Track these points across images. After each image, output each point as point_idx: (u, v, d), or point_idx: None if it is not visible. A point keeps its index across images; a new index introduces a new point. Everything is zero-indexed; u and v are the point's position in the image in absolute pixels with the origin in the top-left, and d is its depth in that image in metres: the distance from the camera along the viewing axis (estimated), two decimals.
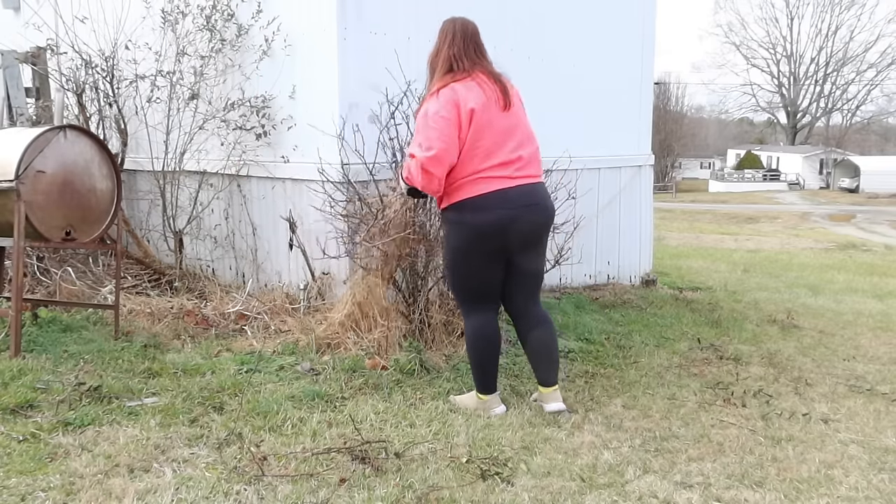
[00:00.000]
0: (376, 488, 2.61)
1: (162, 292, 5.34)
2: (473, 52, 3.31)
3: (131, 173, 6.00)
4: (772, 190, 51.63)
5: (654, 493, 2.68)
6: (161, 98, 5.52)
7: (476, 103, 3.19)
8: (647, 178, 7.23)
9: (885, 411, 3.78)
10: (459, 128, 3.17)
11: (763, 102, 67.70)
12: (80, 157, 4.18)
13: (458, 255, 3.37)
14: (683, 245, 16.54)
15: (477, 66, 3.30)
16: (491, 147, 3.22)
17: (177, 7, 5.41)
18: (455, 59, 3.29)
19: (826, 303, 7.33)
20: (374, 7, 4.80)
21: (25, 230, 3.90)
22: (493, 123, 3.23)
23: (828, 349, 5.15)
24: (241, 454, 2.84)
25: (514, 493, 2.64)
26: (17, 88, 5.67)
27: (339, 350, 4.15)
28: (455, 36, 3.32)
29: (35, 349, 3.98)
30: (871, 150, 60.71)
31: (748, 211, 35.06)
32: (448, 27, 3.36)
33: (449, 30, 3.35)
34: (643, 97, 7.11)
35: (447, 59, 3.30)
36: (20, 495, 2.46)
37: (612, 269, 6.87)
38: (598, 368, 4.29)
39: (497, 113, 3.25)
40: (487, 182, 3.22)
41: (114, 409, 3.23)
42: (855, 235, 23.68)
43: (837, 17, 61.87)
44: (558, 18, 6.05)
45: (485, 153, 3.21)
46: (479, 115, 3.18)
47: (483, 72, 3.29)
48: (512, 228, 3.26)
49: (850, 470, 2.98)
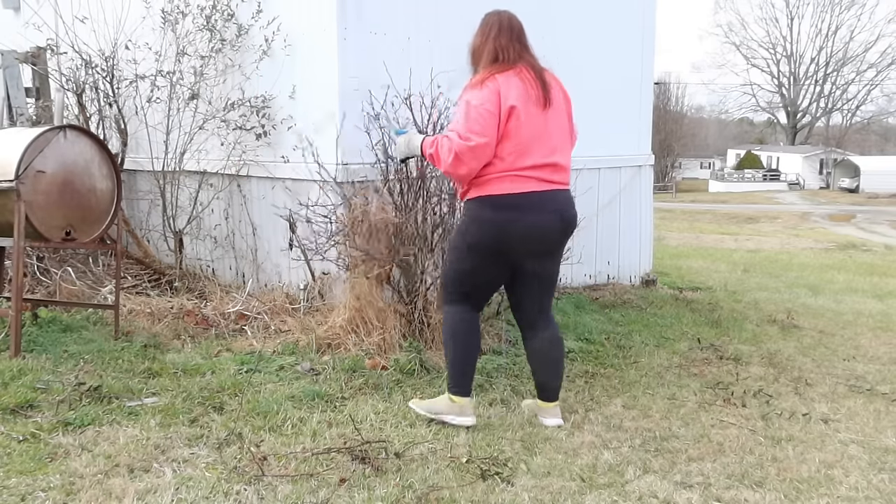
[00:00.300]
0: (376, 488, 2.61)
1: (162, 292, 5.34)
2: (518, 44, 3.22)
3: (131, 173, 6.00)
4: (772, 190, 51.63)
5: (654, 493, 2.68)
6: (161, 98, 5.52)
7: (516, 100, 3.08)
8: (647, 178, 7.23)
9: (885, 411, 3.78)
10: (499, 123, 3.07)
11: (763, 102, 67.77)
12: (80, 157, 4.18)
13: (469, 250, 3.24)
14: (683, 245, 16.54)
15: (521, 59, 3.19)
16: (527, 146, 3.11)
17: (177, 7, 5.41)
18: (500, 50, 3.19)
19: (826, 303, 7.33)
20: (374, 7, 4.80)
21: (25, 230, 3.90)
22: (532, 122, 3.12)
23: (828, 349, 5.15)
24: (241, 454, 2.84)
25: (514, 493, 2.64)
26: (17, 88, 5.67)
27: (339, 350, 4.15)
28: (502, 28, 3.22)
29: (35, 349, 3.98)
30: (871, 150, 60.71)
31: (748, 211, 35.05)
32: (493, 20, 3.26)
33: (494, 22, 3.25)
34: (643, 97, 7.11)
35: (492, 51, 3.20)
36: (20, 495, 2.46)
37: (612, 269, 6.87)
38: (598, 368, 4.29)
39: (536, 111, 3.14)
40: (520, 182, 3.11)
41: (114, 409, 3.23)
42: (855, 235, 23.68)
43: (837, 17, 61.92)
44: (558, 18, 6.05)
45: (520, 151, 3.10)
46: (517, 111, 3.08)
47: (526, 66, 3.18)
48: (534, 234, 3.16)
49: (850, 470, 2.98)
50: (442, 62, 4.53)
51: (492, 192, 3.13)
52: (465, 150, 3.05)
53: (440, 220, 4.36)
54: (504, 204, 3.13)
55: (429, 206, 4.35)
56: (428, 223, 4.32)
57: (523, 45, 3.24)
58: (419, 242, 4.29)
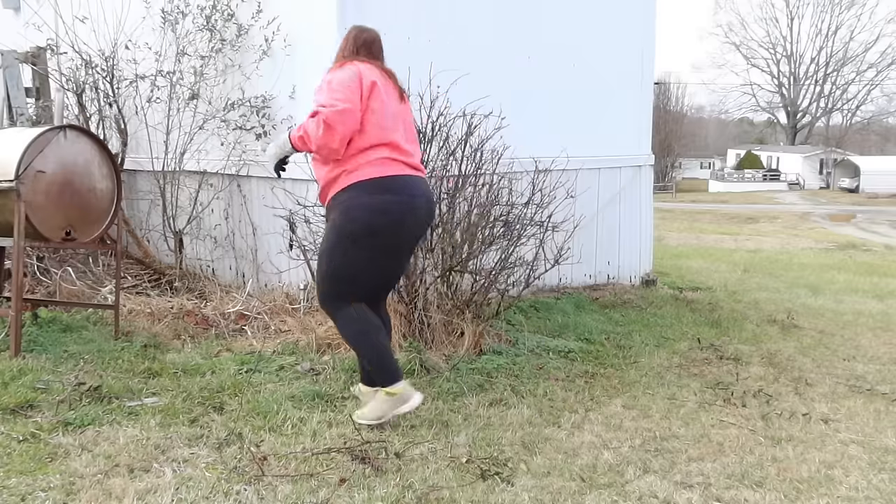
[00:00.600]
0: (376, 488, 2.61)
1: (162, 292, 5.34)
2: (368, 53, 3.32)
3: (131, 173, 6.00)
4: (772, 190, 51.62)
5: (654, 493, 2.68)
6: (161, 98, 5.52)
7: (377, 78, 3.17)
8: (647, 177, 7.23)
9: (885, 411, 3.78)
10: (361, 96, 3.11)
11: (763, 102, 67.75)
12: (80, 157, 4.18)
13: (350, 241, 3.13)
14: (683, 245, 16.54)
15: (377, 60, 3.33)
16: (391, 127, 3.17)
17: (177, 7, 5.41)
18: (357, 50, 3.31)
19: (826, 303, 7.33)
20: (374, 7, 4.80)
21: (25, 230, 3.90)
22: (393, 105, 3.21)
23: (828, 349, 5.15)
24: (241, 454, 2.84)
25: (514, 493, 2.64)
26: (17, 88, 5.67)
27: (339, 350, 4.15)
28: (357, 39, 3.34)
29: (35, 349, 3.98)
30: (871, 150, 60.67)
31: (748, 211, 35.04)
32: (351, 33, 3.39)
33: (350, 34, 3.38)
34: (643, 97, 7.11)
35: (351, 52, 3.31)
36: (20, 495, 2.46)
37: (612, 269, 6.87)
38: (598, 368, 4.29)
39: (394, 98, 3.24)
40: (391, 165, 3.13)
41: (114, 409, 3.23)
42: (855, 235, 23.68)
43: (837, 17, 61.89)
44: (558, 18, 6.05)
45: (384, 131, 3.14)
46: (379, 90, 3.14)
47: (378, 66, 3.28)
48: (408, 216, 3.16)
49: (850, 470, 2.98)
50: (442, 62, 4.53)
51: (364, 178, 3.11)
52: (333, 114, 3.04)
53: (439, 219, 4.35)
54: (379, 186, 3.11)
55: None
56: None
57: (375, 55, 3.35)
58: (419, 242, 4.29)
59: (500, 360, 4.17)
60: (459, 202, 4.39)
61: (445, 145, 4.43)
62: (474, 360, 4.09)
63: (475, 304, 4.44)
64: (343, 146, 3.09)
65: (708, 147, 67.70)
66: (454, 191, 4.35)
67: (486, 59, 5.39)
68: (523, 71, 5.79)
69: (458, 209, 4.38)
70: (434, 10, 5.22)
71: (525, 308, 5.32)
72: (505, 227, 4.48)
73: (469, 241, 4.39)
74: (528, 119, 5.23)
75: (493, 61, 5.51)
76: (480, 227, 4.41)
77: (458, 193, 4.37)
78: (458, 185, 4.38)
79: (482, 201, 4.44)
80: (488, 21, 5.64)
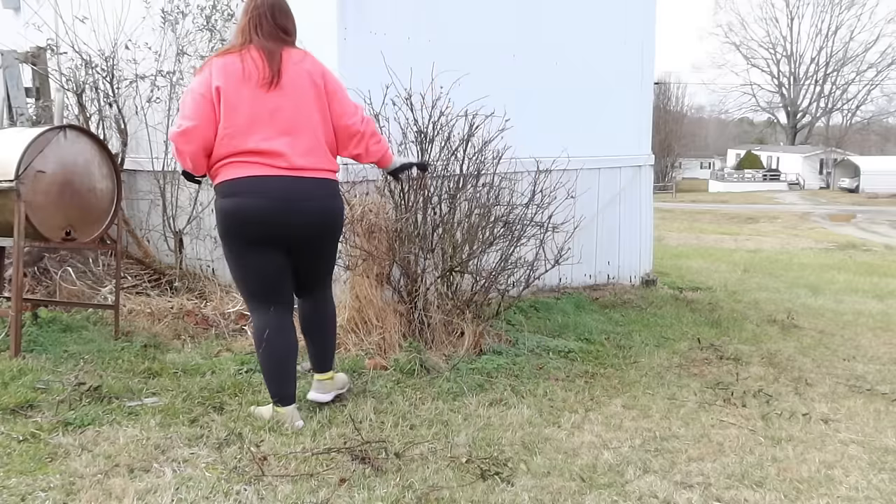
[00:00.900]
0: (376, 488, 2.61)
1: (162, 292, 5.34)
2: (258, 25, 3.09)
3: (131, 173, 6.00)
4: (772, 190, 51.65)
5: (654, 493, 2.68)
6: (161, 98, 5.52)
7: (224, 80, 2.97)
8: (648, 178, 7.23)
9: (885, 411, 3.78)
10: (213, 105, 2.98)
11: (763, 102, 67.82)
12: (80, 157, 4.18)
13: (225, 244, 3.15)
14: (683, 245, 16.55)
15: (255, 40, 3.06)
16: (244, 128, 2.99)
17: (177, 7, 5.41)
18: (239, 32, 3.13)
19: (826, 303, 7.34)
20: (375, 7, 4.80)
21: (25, 230, 3.90)
22: (250, 104, 3.00)
23: (828, 349, 5.15)
24: (241, 454, 2.84)
25: (514, 493, 2.64)
26: (17, 88, 5.67)
27: (338, 350, 4.14)
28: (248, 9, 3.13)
29: (35, 349, 3.98)
30: (871, 150, 60.71)
31: (748, 211, 35.05)
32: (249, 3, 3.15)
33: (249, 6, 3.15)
34: (643, 97, 7.11)
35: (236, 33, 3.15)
36: (20, 495, 2.46)
37: (612, 269, 6.87)
38: (598, 368, 4.29)
39: (257, 92, 3.00)
40: (241, 167, 3.01)
41: (114, 409, 3.23)
42: (855, 235, 23.69)
43: (837, 17, 61.97)
44: (558, 18, 6.05)
45: (235, 133, 2.99)
46: (227, 92, 2.97)
47: (257, 46, 3.05)
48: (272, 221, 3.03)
49: (850, 470, 2.98)
50: (442, 62, 4.53)
51: (220, 180, 3.08)
52: (176, 136, 3.02)
53: (440, 219, 4.36)
54: (228, 191, 3.05)
55: (429, 205, 4.34)
56: (428, 223, 4.32)
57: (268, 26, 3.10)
58: (419, 242, 4.29)
59: (500, 360, 4.17)
60: (461, 202, 4.40)
61: (447, 145, 4.43)
62: (474, 360, 4.09)
63: (475, 305, 4.44)
64: (198, 162, 3.07)
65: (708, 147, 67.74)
66: (455, 191, 4.36)
67: (486, 59, 5.39)
68: (524, 71, 5.79)
69: (458, 209, 4.38)
70: (434, 9, 5.22)
71: (525, 308, 5.32)
72: (505, 228, 4.48)
73: (470, 242, 4.39)
74: (528, 119, 5.23)
75: (494, 61, 5.51)
76: (481, 228, 4.42)
77: (459, 194, 4.37)
78: (458, 185, 4.39)
79: (483, 201, 4.45)
80: (488, 21, 5.63)
